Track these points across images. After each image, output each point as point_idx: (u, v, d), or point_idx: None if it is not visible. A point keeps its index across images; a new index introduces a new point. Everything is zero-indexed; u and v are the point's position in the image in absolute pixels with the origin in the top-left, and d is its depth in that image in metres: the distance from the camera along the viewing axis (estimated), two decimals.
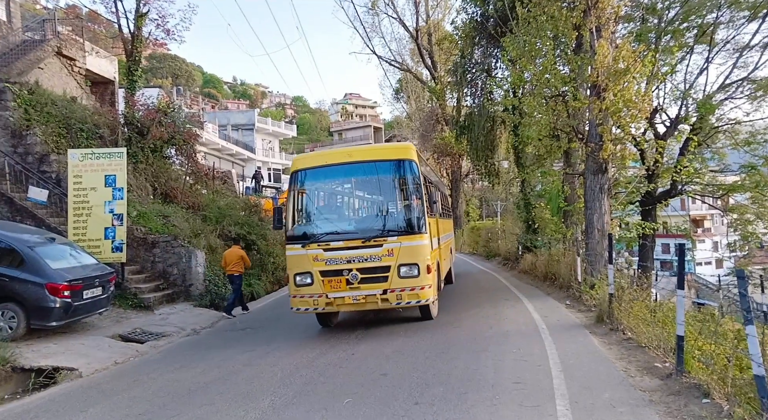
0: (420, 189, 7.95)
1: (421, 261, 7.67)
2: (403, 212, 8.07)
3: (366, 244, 7.67)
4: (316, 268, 7.79)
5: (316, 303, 7.82)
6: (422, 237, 7.78)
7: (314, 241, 7.91)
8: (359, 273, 7.64)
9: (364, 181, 8.90)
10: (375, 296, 7.63)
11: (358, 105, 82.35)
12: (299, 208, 8.38)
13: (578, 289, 10.02)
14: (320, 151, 10.30)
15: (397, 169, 8.10)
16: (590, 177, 10.81)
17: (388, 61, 33.46)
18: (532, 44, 10.77)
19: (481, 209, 42.42)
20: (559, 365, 5.71)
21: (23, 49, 16.05)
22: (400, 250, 7.62)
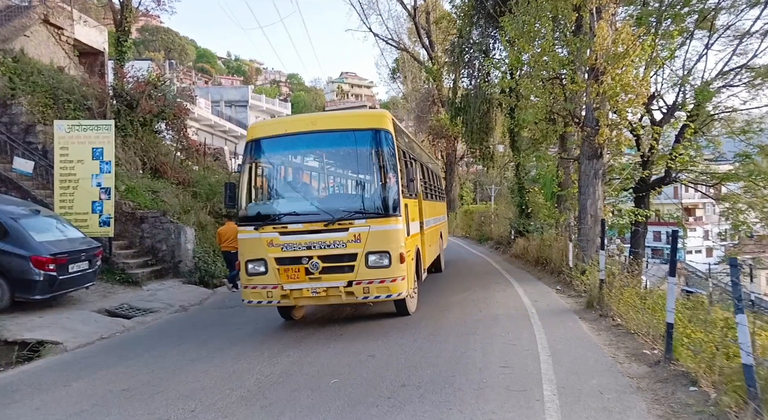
0: (395, 164, 6.81)
1: (393, 248, 6.59)
2: (375, 191, 7.02)
3: (329, 227, 6.57)
4: (271, 254, 6.65)
5: (270, 295, 6.71)
6: (395, 220, 6.68)
7: (269, 222, 6.81)
8: (320, 261, 6.54)
9: (330, 153, 8.05)
10: (338, 289, 6.57)
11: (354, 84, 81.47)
12: (254, 184, 7.26)
13: (569, 275, 10.01)
14: (280, 118, 9.09)
15: (368, 140, 6.92)
16: (585, 162, 10.72)
17: (385, 40, 32.98)
18: (531, 25, 10.55)
19: (475, 193, 42.40)
20: (547, 350, 5.68)
21: (7, 15, 15.59)
22: (369, 236, 6.53)
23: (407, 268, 6.79)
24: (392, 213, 6.69)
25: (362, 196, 7.17)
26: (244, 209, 7.07)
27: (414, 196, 7.88)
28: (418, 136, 34.16)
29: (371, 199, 6.94)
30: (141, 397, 4.94)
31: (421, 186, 9.48)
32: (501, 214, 21.48)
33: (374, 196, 6.95)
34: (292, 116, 9.71)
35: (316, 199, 7.64)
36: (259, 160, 7.28)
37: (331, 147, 7.66)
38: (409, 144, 8.97)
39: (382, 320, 7.54)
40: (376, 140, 6.89)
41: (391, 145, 6.89)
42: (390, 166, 6.82)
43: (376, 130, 6.93)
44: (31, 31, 15.84)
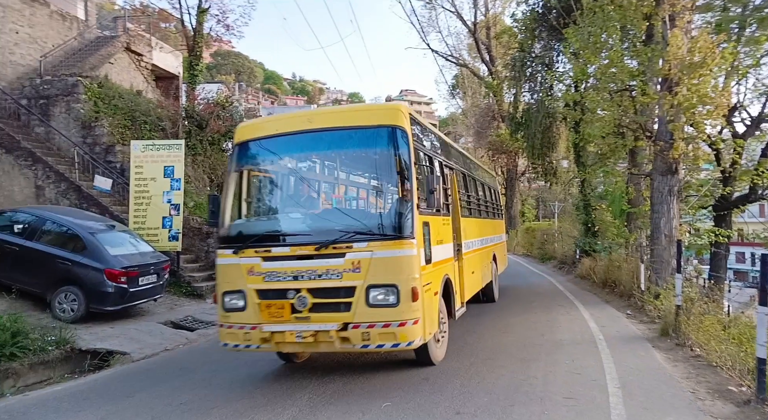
0: (410, 171, 5.29)
1: (403, 281, 5.01)
2: (381, 206, 5.89)
3: (321, 252, 5.11)
4: (251, 285, 5.31)
5: (248, 338, 5.32)
6: (407, 244, 5.09)
7: (250, 245, 5.42)
8: (310, 296, 5.10)
9: (330, 157, 6.59)
10: (329, 333, 5.03)
11: (414, 101, 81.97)
12: (238, 196, 5.94)
13: (641, 299, 9.35)
14: (274, 116, 7.65)
15: (376, 140, 5.52)
16: (658, 178, 10.04)
17: (444, 56, 32.94)
18: (597, 36, 10.13)
19: (537, 209, 41.11)
20: (616, 381, 5.26)
21: (96, 45, 16.95)
22: (371, 264, 5.01)
23: (424, 306, 5.20)
24: (402, 234, 5.10)
25: (365, 211, 6.07)
26: (226, 228, 5.77)
27: (441, 211, 6.22)
28: (477, 151, 33.70)
29: (375, 216, 5.58)
30: (198, 411, 5.01)
31: (464, 200, 8.31)
32: (565, 232, 20.59)
33: (380, 213, 5.66)
34: (288, 113, 8.14)
35: (308, 216, 6.00)
36: (245, 167, 6.03)
37: (330, 149, 6.24)
38: (442, 148, 7.38)
39: None
40: (387, 141, 5.43)
41: (406, 148, 5.37)
42: (403, 173, 5.32)
43: (387, 127, 5.44)
44: (115, 59, 17.12)
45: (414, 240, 5.16)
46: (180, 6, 16.99)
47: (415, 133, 5.69)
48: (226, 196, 5.84)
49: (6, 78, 14.55)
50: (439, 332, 6.01)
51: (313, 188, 6.79)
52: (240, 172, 6.01)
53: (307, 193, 6.68)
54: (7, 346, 6.73)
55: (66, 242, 8.92)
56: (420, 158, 5.80)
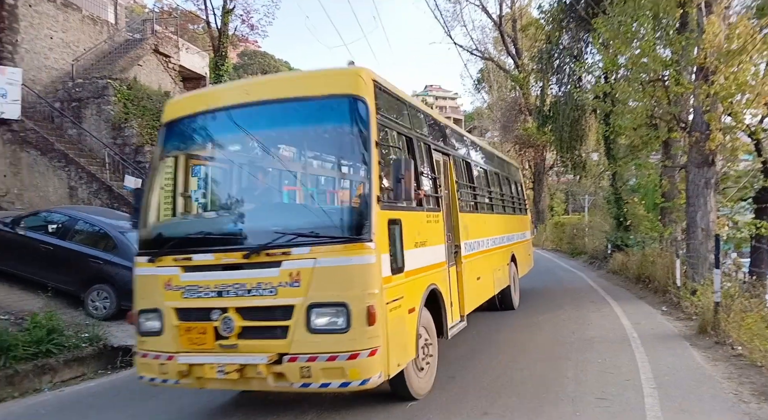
0: (368, 154, 4.07)
1: (355, 298, 3.83)
2: (331, 199, 4.95)
3: (252, 260, 3.99)
4: (169, 302, 4.23)
5: (165, 370, 4.22)
6: (360, 249, 3.89)
7: (168, 251, 4.35)
8: (238, 317, 3.99)
9: (269, 137, 4.83)
10: (258, 368, 3.87)
11: (439, 97, 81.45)
12: (162, 189, 4.77)
13: (676, 295, 9.04)
14: (209, 88, 6.48)
15: (326, 114, 4.38)
16: (694, 170, 9.67)
17: (469, 51, 32.55)
18: (628, 25, 9.79)
19: (566, 203, 40.33)
20: (652, 381, 5.06)
21: (125, 48, 17.35)
22: (314, 275, 3.86)
23: (389, 330, 3.99)
24: (355, 236, 3.92)
25: (309, 207, 4.65)
26: (145, 230, 4.67)
27: (425, 206, 5.09)
28: (504, 146, 33.23)
29: (321, 213, 4.31)
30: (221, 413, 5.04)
31: (466, 192, 7.15)
32: (596, 227, 20.11)
33: (327, 208, 4.56)
34: (226, 84, 6.63)
35: (240, 213, 4.67)
36: (170, 153, 4.90)
37: (269, 127, 4.67)
38: (431, 128, 5.98)
39: (464, 339, 7.20)
40: (339, 115, 4.30)
41: (364, 124, 4.13)
42: (359, 156, 4.20)
43: (340, 98, 4.24)
44: (144, 61, 17.49)
45: (371, 243, 3.88)
46: (206, 7, 17.23)
47: (381, 106, 4.45)
48: (148, 189, 4.73)
49: (41, 82, 15.02)
50: (421, 358, 4.76)
51: (250, 178, 5.18)
52: (165, 160, 4.84)
53: (242, 184, 5.12)
54: (44, 343, 6.92)
55: (98, 241, 9.13)
56: (388, 138, 4.62)
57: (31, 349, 6.63)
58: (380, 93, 4.53)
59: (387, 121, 4.57)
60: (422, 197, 4.93)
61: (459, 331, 5.93)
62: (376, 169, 4.06)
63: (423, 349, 4.81)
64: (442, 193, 5.86)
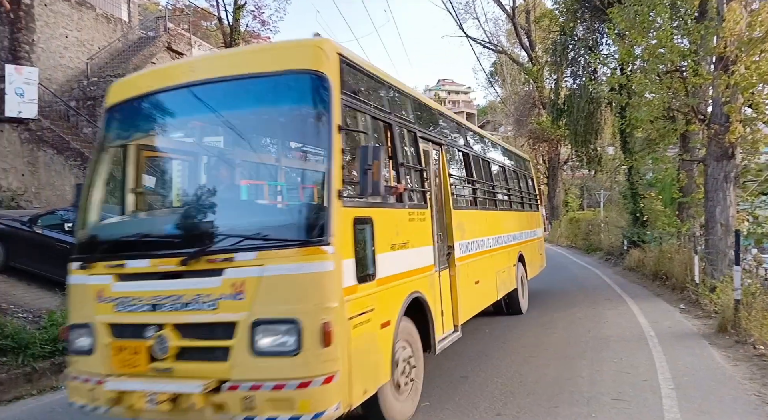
0: (328, 140, 3.44)
1: (308, 313, 3.21)
2: (284, 195, 4.49)
3: (191, 267, 3.37)
4: (100, 316, 3.62)
5: (95, 396, 3.58)
6: (314, 254, 3.27)
7: (101, 256, 3.76)
8: (174, 335, 3.38)
9: (213, 122, 4.26)
10: (192, 398, 3.24)
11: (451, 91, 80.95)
12: (102, 184, 4.14)
13: (695, 292, 8.84)
14: (153, 69, 5.91)
15: (280, 94, 3.72)
16: (713, 164, 9.44)
17: (482, 44, 32.26)
18: (644, 15, 9.56)
19: (581, 199, 39.87)
20: (670, 381, 4.94)
21: (139, 46, 17.48)
22: (261, 286, 3.25)
23: (351, 351, 3.37)
24: (309, 238, 3.29)
25: (257, 203, 4.15)
26: (81, 231, 4.03)
27: (407, 202, 4.45)
28: (517, 140, 32.90)
29: (271, 210, 3.96)
30: None
31: (462, 186, 6.58)
32: (611, 222, 19.82)
33: (279, 205, 4.17)
34: (176, 61, 5.40)
35: (178, 211, 4.06)
36: (111, 143, 4.28)
37: (214, 111, 3.98)
38: (416, 112, 5.24)
39: (475, 338, 7.13)
40: (294, 94, 3.67)
41: (324, 105, 3.47)
42: (318, 144, 3.75)
43: (296, 74, 3.56)
44: (157, 58, 17.60)
45: (328, 247, 3.24)
46: (217, 3, 17.28)
47: (349, 84, 3.80)
48: (87, 184, 4.11)
49: (57, 81, 15.20)
50: (404, 376, 4.19)
51: (192, 169, 4.51)
52: (104, 150, 4.22)
53: (183, 177, 4.55)
54: (61, 341, 7.00)
55: None
56: (358, 122, 4.00)
57: (48, 347, 6.69)
58: (348, 69, 3.86)
59: (357, 102, 3.90)
60: (402, 192, 4.29)
61: (452, 342, 5.28)
62: (337, 159, 3.38)
63: (403, 368, 4.20)
64: (434, 187, 5.26)
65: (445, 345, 5.05)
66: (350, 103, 3.76)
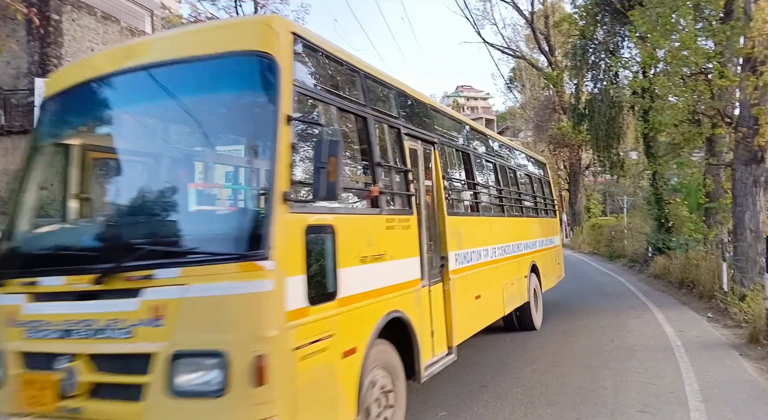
0: (272, 133, 2.83)
1: (237, 344, 2.60)
2: (219, 199, 3.83)
3: (106, 286, 2.82)
4: (11, 343, 3.11)
5: None
6: (250, 271, 2.64)
7: (12, 272, 3.22)
8: (87, 368, 2.83)
9: (146, 114, 3.66)
10: None
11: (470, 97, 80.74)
12: (31, 185, 3.62)
13: (723, 300, 8.55)
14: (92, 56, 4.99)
15: (221, 80, 3.17)
16: (741, 168, 9.18)
17: (500, 49, 32.04)
18: (666, 17, 9.38)
19: (604, 205, 39.20)
20: (698, 393, 4.76)
21: None
22: (184, 310, 2.68)
23: (298, 390, 2.79)
24: (242, 251, 2.70)
25: (185, 209, 3.33)
26: (5, 241, 3.47)
27: (383, 207, 3.83)
28: (538, 146, 32.57)
29: (201, 218, 3.27)
30: None
31: (459, 190, 5.98)
32: (635, 228, 19.39)
33: (209, 211, 3.50)
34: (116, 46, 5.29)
35: (98, 220, 3.64)
36: (40, 141, 3.76)
37: (147, 101, 3.46)
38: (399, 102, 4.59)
39: (496, 346, 7.00)
40: (237, 79, 3.12)
41: (271, 91, 2.90)
42: (260, 137, 3.11)
43: (240, 56, 3.02)
44: None
45: (266, 262, 2.62)
46: (237, 14, 17.53)
47: (307, 69, 3.25)
48: (19, 189, 3.57)
49: None
50: (378, 407, 3.57)
51: (122, 169, 3.73)
52: (36, 149, 3.69)
53: (112, 177, 3.85)
54: None
55: None
56: (319, 114, 3.36)
57: None
58: (306, 52, 3.29)
59: (318, 91, 3.32)
60: (377, 195, 3.69)
61: (443, 367, 4.64)
62: (284, 155, 2.80)
63: (376, 403, 3.55)
64: (423, 191, 4.71)
65: (435, 370, 4.43)
66: (308, 91, 3.19)
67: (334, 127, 3.48)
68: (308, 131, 3.21)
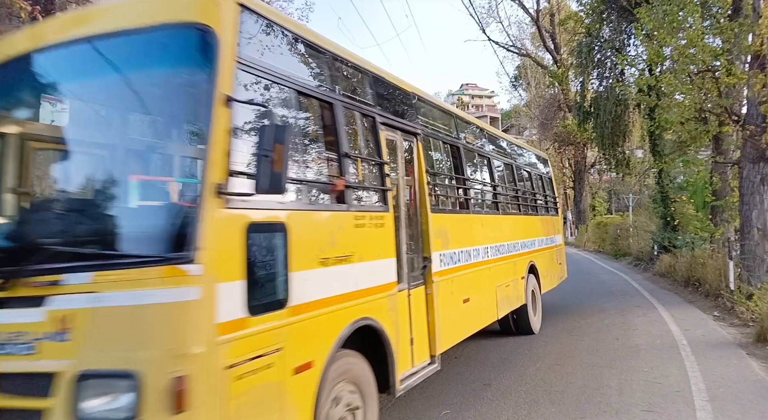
0: (208, 115, 2.41)
1: (151, 363, 2.19)
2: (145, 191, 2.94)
3: (11, 292, 2.44)
4: None
5: None
6: (172, 276, 2.25)
7: None
8: None
9: (73, 93, 3.20)
10: None
11: (475, 95, 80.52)
12: None
13: (730, 299, 8.50)
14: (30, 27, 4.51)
15: (155, 55, 2.79)
16: (748, 166, 9.10)
17: (505, 47, 31.89)
18: (673, 14, 9.31)
19: (609, 203, 39.05)
20: (704, 393, 4.72)
21: None
22: (94, 321, 2.30)
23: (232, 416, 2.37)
24: (163, 254, 2.33)
25: (103, 204, 2.80)
26: None
27: (352, 203, 3.48)
28: (543, 144, 32.45)
29: (119, 215, 2.72)
30: None
31: (445, 185, 5.51)
32: (640, 227, 19.30)
33: (129, 207, 2.83)
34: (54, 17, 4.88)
35: (12, 214, 3.13)
36: None
37: (75, 79, 3.10)
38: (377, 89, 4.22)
39: (500, 344, 6.97)
40: (170, 54, 2.77)
41: (208, 67, 2.51)
42: (193, 120, 2.70)
43: (173, 28, 2.69)
44: None
45: (192, 266, 2.26)
46: None
47: (254, 44, 2.83)
48: None
49: None
50: None
51: (47, 157, 3.40)
52: None
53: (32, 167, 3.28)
54: None
55: None
56: (267, 95, 2.96)
57: None
58: (259, 26, 2.92)
59: (272, 71, 2.91)
60: (343, 190, 3.35)
61: (425, 377, 4.27)
62: (220, 142, 2.41)
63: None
64: (402, 186, 4.37)
65: (413, 383, 4.05)
66: (258, 71, 2.79)
67: (291, 112, 3.12)
68: (261, 117, 2.75)
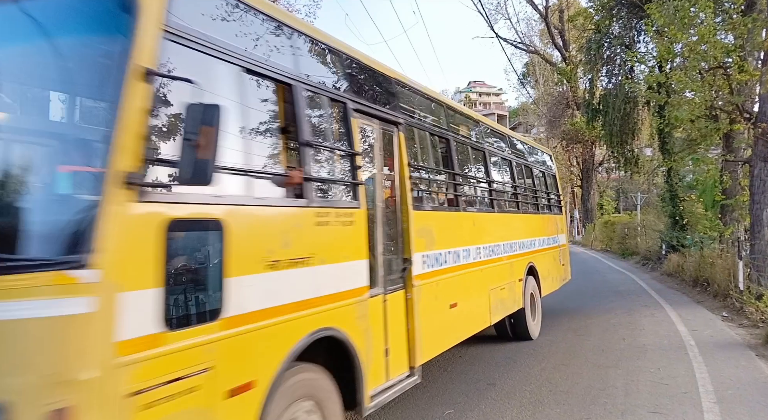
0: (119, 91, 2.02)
1: (25, 393, 1.81)
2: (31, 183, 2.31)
3: None
4: None
5: None
6: (59, 283, 1.82)
7: None
8: None
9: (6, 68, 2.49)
10: None
11: (482, 93, 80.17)
12: None
13: (739, 299, 8.39)
14: None
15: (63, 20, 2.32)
16: (759, 164, 8.98)
17: (513, 44, 31.74)
18: (684, 10, 9.17)
19: (617, 201, 38.79)
20: (712, 394, 4.65)
21: None
22: None
23: None
24: (49, 258, 1.89)
25: None
26: None
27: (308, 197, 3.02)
28: (550, 141, 32.26)
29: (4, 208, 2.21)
30: None
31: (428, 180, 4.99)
32: (649, 226, 19.14)
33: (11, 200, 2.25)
34: None
35: None
36: None
37: None
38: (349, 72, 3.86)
39: (503, 343, 6.92)
40: (82, 20, 2.34)
41: (120, 34, 2.14)
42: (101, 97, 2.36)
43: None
44: None
45: (85, 272, 1.86)
46: None
47: (190, 11, 2.44)
48: None
49: None
50: None
51: None
52: None
53: None
54: None
55: None
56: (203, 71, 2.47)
57: None
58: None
59: (212, 44, 2.49)
60: (301, 183, 2.96)
61: (402, 391, 3.88)
62: (132, 123, 2.03)
63: None
64: (380, 180, 3.99)
65: (388, 397, 3.67)
66: (191, 42, 2.38)
67: (235, 92, 2.66)
68: (190, 96, 2.20)
